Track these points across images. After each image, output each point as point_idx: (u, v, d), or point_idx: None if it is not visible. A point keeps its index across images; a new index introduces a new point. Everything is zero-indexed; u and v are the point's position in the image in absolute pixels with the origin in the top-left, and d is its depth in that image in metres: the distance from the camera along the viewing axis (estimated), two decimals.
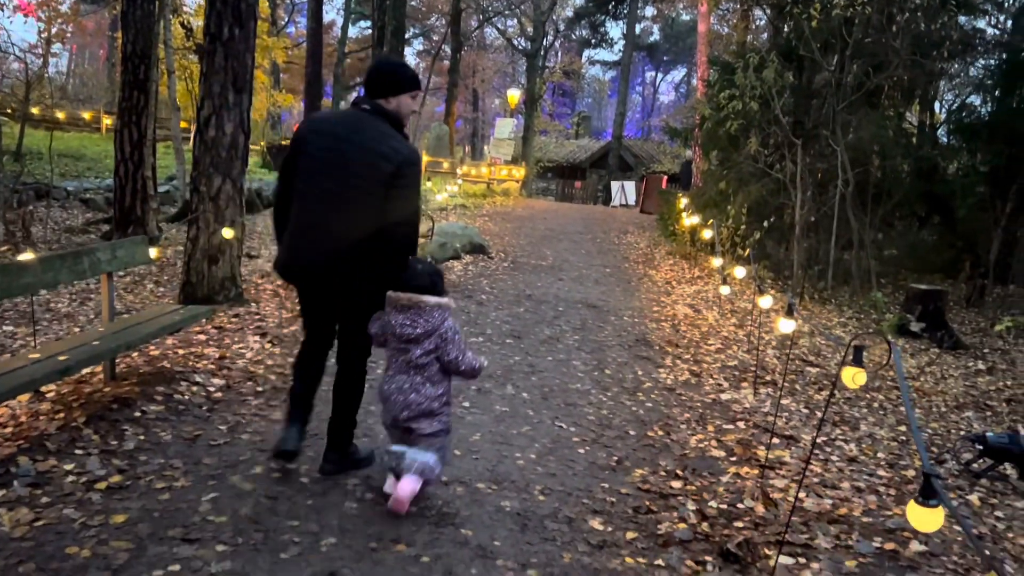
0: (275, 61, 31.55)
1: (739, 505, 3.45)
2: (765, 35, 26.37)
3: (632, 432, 4.32)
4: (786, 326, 4.52)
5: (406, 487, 3.00)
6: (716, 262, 7.58)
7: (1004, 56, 12.15)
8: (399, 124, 3.15)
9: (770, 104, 10.70)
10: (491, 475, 3.53)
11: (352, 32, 42.90)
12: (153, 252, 4.82)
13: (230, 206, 6.14)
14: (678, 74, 64.04)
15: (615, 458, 3.90)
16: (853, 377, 2.65)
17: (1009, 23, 13.07)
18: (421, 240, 4.53)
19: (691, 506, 3.39)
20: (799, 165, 10.07)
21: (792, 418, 4.93)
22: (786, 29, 13.27)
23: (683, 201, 12.43)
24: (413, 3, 45.87)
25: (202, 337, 5.27)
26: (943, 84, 12.86)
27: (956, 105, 13.11)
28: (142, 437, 3.59)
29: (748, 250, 10.51)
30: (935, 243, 13.44)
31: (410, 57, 48.58)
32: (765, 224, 10.63)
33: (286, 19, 43.09)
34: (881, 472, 4.10)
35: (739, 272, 6.30)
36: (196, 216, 6.09)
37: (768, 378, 5.83)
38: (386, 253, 3.05)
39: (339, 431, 3.35)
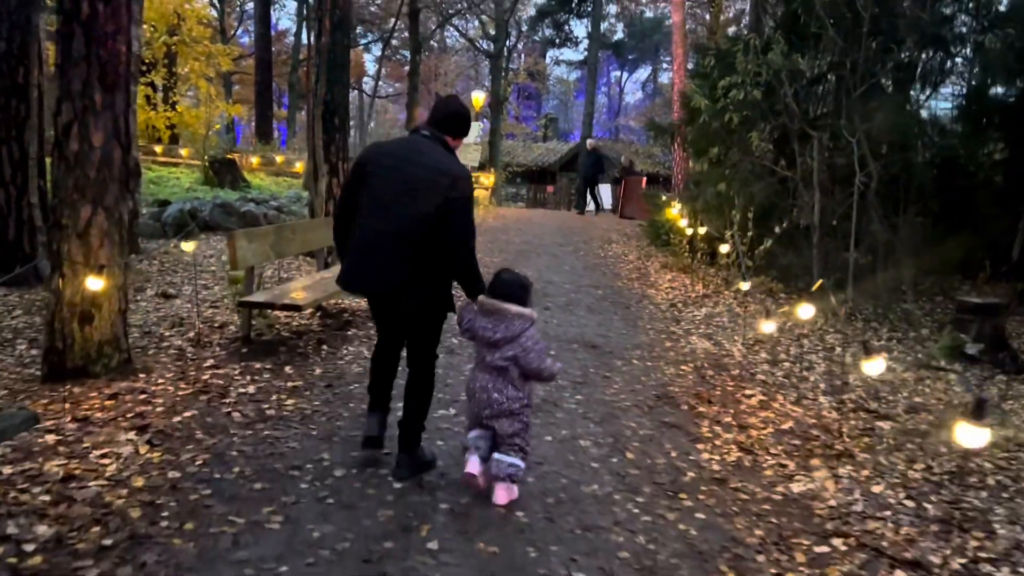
0: (223, 72, 29.77)
1: None
2: (745, 20, 25.20)
3: None
4: (874, 368, 3.03)
5: (503, 494, 3.25)
6: (744, 286, 6.13)
7: None
8: (452, 151, 3.51)
9: (775, 91, 9.32)
10: None
11: (307, 39, 41.14)
12: None
13: (105, 244, 4.52)
14: (644, 72, 63.14)
15: None
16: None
17: None
18: None
19: None
20: (816, 160, 8.68)
21: (900, 520, 3.45)
22: (777, 11, 11.95)
23: (676, 206, 10.97)
24: (372, 9, 44.41)
25: (50, 439, 3.65)
26: (956, 65, 11.53)
27: (969, 88, 11.81)
28: None
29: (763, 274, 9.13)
30: (951, 241, 12.13)
31: (369, 63, 46.93)
32: (777, 230, 9.23)
33: (237, 26, 41.22)
34: None
35: (805, 312, 4.75)
36: (59, 260, 4.47)
37: (837, 446, 4.36)
38: (450, 264, 3.38)
39: (410, 433, 3.53)
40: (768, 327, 5.27)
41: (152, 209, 12.26)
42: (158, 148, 20.36)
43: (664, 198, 15.48)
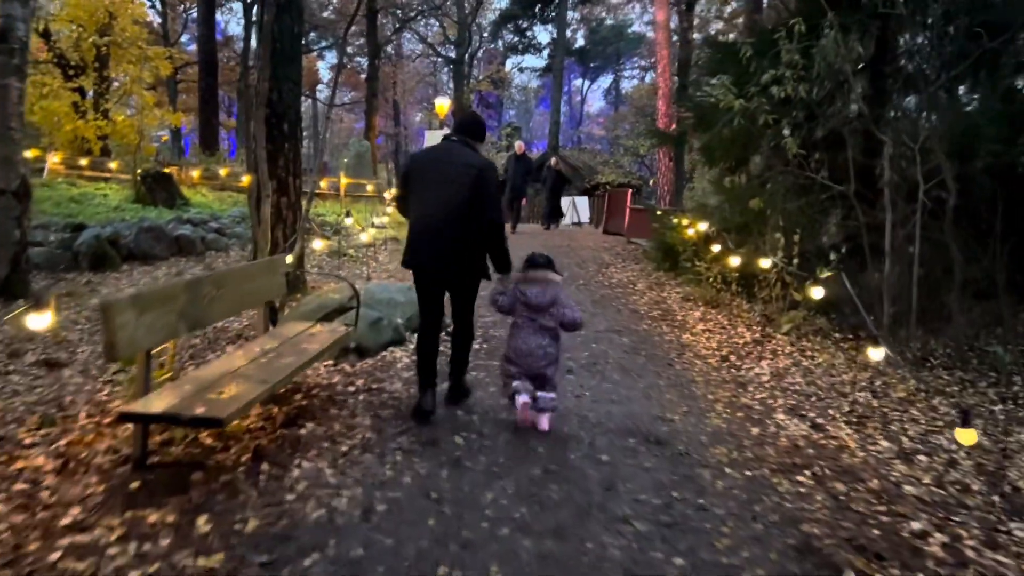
0: (165, 77, 27.42)
1: None
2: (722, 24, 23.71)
3: None
4: None
5: (545, 421, 4.28)
6: (875, 355, 4.39)
7: None
8: (476, 149, 4.48)
9: (821, 87, 7.67)
10: None
11: (255, 42, 38.82)
12: None
13: None
14: (606, 80, 61.81)
15: None
16: None
17: None
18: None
19: None
20: (888, 171, 7.03)
21: None
22: None
23: (697, 225, 9.22)
24: (325, 14, 42.39)
25: None
26: None
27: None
28: None
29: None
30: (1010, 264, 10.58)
31: (323, 71, 44.74)
32: (832, 256, 7.56)
33: (181, 31, 38.72)
34: None
35: None
36: None
37: None
38: (485, 239, 4.30)
39: (458, 368, 4.68)
40: (967, 436, 3.51)
41: (62, 235, 10.15)
42: (84, 161, 18.02)
43: (658, 212, 13.80)
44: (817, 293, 6.06)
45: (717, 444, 4.31)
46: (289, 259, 6.03)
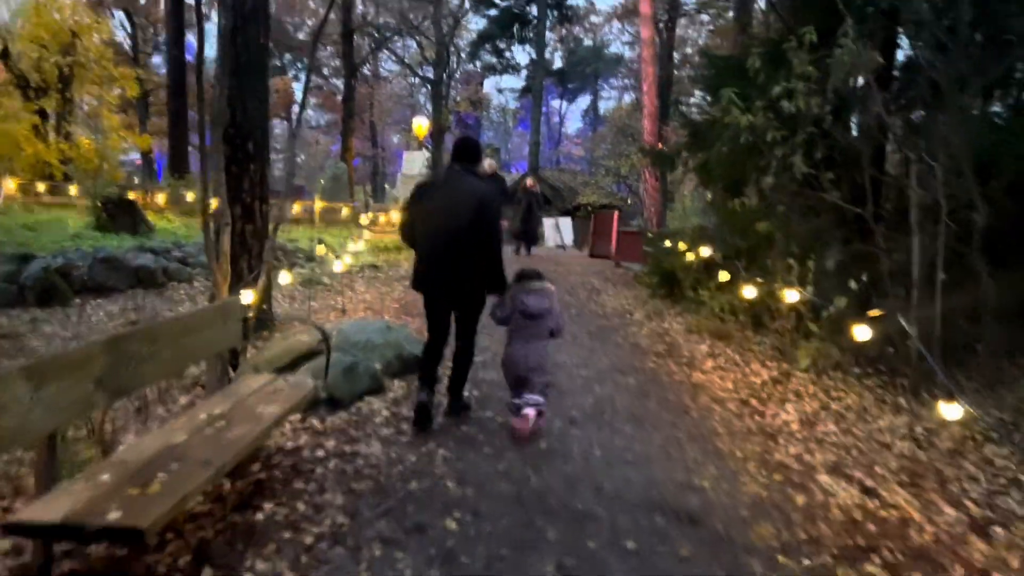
0: (134, 99, 26.59)
1: None
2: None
3: None
4: None
5: (531, 414, 4.55)
6: (949, 412, 3.72)
7: None
8: (480, 175, 4.90)
9: (826, 101, 7.08)
10: None
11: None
12: None
13: None
14: (585, 101, 61.60)
15: None
16: None
17: None
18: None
19: None
20: (914, 192, 6.43)
21: None
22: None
23: (703, 251, 8.56)
24: (300, 35, 41.81)
25: None
26: None
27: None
28: None
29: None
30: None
31: (297, 92, 43.98)
32: (852, 284, 6.93)
33: (152, 51, 37.84)
34: None
35: None
36: None
37: None
38: (486, 263, 4.63)
39: (458, 385, 4.93)
40: None
41: (8, 267, 9.30)
42: (42, 186, 17.10)
43: (650, 235, 13.20)
44: (862, 333, 5.35)
45: (761, 520, 3.60)
46: (252, 297, 5.27)
